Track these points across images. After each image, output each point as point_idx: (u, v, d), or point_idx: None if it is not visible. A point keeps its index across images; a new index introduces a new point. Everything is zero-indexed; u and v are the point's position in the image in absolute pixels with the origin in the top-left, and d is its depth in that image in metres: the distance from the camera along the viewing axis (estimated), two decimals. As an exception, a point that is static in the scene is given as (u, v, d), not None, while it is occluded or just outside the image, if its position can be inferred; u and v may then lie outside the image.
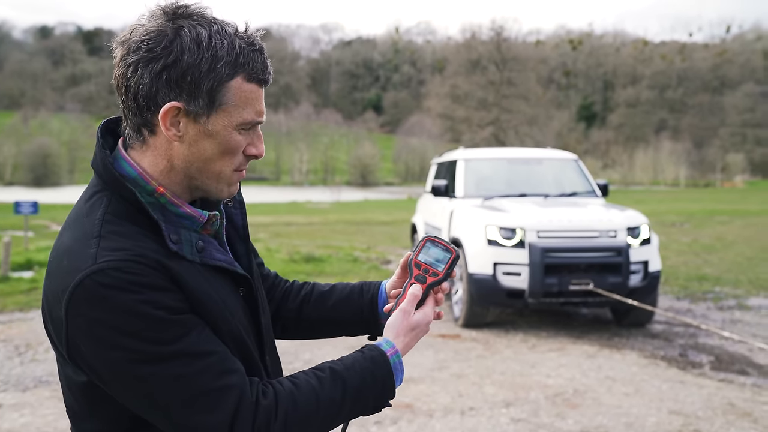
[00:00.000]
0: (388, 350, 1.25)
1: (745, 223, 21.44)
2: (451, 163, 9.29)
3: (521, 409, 4.81)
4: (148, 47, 1.04)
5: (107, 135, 1.16)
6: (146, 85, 1.05)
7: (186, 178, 1.14)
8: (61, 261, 1.08)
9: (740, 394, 5.22)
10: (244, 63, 1.09)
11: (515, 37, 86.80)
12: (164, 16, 1.07)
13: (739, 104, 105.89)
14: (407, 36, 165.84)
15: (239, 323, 1.19)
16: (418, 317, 1.31)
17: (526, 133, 72.05)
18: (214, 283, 1.15)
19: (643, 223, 7.30)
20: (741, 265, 12.01)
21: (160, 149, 1.11)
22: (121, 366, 1.03)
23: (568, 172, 9.01)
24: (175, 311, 1.05)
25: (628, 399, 5.04)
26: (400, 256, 13.71)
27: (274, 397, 1.10)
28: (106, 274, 1.02)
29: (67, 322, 1.04)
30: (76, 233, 1.09)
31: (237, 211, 1.32)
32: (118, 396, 1.08)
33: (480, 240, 7.20)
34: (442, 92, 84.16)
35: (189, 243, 1.13)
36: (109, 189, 1.11)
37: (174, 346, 1.04)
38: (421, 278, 1.34)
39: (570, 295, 6.87)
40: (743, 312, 8.33)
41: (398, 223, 22.30)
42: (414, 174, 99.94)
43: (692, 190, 68.39)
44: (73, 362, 1.08)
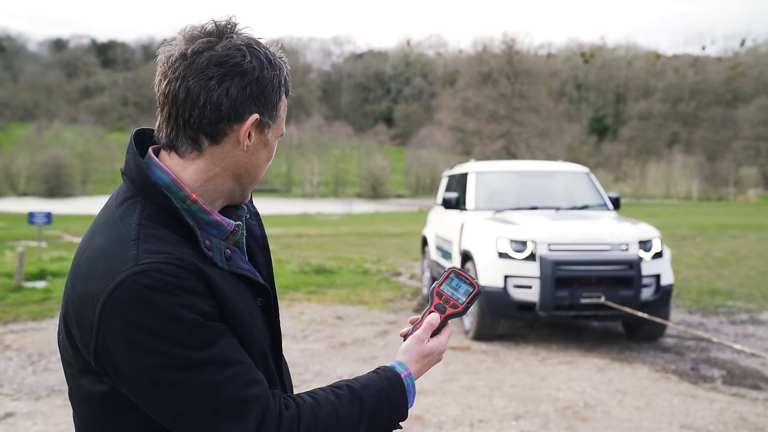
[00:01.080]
0: (402, 372, 1.28)
1: (758, 237, 21.28)
2: (462, 176, 9.28)
3: (531, 422, 4.79)
4: (235, 62, 1.10)
5: (138, 145, 1.19)
6: (233, 97, 1.11)
7: (232, 184, 1.20)
8: (94, 263, 1.09)
9: (753, 408, 5.19)
10: (288, 81, 1.21)
11: (527, 50, 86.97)
12: (226, 32, 1.13)
13: (752, 118, 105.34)
14: (419, 49, 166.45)
15: (261, 335, 1.21)
16: (431, 345, 1.33)
17: (538, 146, 71.96)
18: (240, 292, 1.17)
19: (655, 236, 7.24)
20: (754, 279, 11.92)
21: (217, 157, 1.15)
22: (154, 371, 1.04)
23: (579, 185, 8.98)
24: (209, 317, 1.07)
25: (638, 413, 5.02)
26: (410, 269, 13.72)
27: (296, 410, 1.12)
28: (148, 275, 1.03)
29: (100, 325, 1.04)
30: (112, 236, 1.10)
31: (255, 222, 1.36)
32: (144, 403, 1.08)
33: (491, 252, 7.15)
34: (453, 105, 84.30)
35: (219, 251, 1.16)
36: (142, 195, 1.13)
37: (206, 353, 1.05)
38: (441, 308, 1.36)
39: (581, 309, 6.82)
40: (756, 326, 8.27)
41: (409, 235, 22.30)
42: (425, 186, 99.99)
43: (705, 203, 68.00)
44: (100, 367, 1.09)
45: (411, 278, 12.48)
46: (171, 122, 1.14)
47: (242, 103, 1.12)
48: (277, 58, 1.17)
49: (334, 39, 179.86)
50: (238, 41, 1.12)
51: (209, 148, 1.14)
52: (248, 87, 1.12)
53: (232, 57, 1.10)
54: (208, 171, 1.16)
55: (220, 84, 1.10)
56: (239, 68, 1.11)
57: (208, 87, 1.10)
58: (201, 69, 1.10)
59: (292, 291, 10.38)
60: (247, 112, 1.13)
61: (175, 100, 1.11)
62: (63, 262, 11.80)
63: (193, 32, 1.12)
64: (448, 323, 1.37)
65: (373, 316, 8.70)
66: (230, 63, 1.10)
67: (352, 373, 6.01)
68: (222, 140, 1.14)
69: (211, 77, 1.10)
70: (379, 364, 6.46)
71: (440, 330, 1.36)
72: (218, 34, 1.12)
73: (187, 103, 1.11)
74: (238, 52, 1.11)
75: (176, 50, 1.11)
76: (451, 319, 1.37)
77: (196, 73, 1.10)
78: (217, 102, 1.10)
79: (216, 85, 1.10)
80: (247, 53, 1.12)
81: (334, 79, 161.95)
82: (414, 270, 13.50)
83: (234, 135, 1.14)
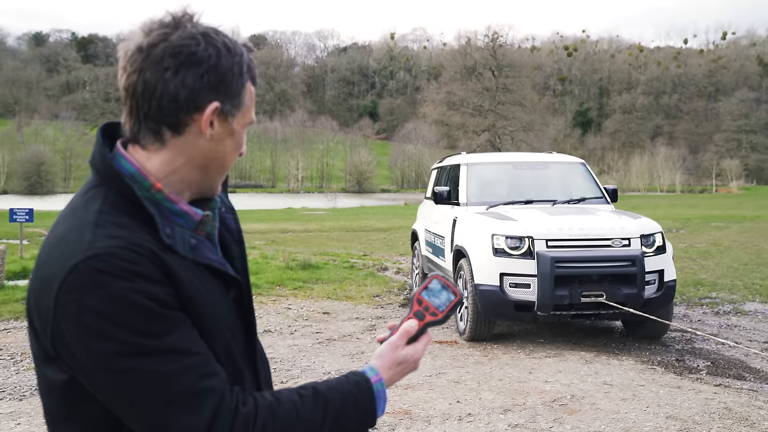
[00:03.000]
0: (373, 377, 1.26)
1: (741, 229, 21.50)
2: (453, 168, 8.96)
3: (519, 415, 4.81)
4: (189, 51, 1.10)
5: (106, 137, 1.19)
6: (189, 87, 1.10)
7: (199, 174, 1.18)
8: (54, 250, 1.10)
9: (737, 398, 5.23)
10: (252, 68, 1.19)
11: (510, 44, 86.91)
12: (182, 22, 1.13)
13: (733, 110, 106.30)
14: (402, 42, 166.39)
15: (226, 325, 1.19)
16: (406, 353, 1.30)
17: (522, 139, 72.04)
18: (205, 282, 1.16)
19: (658, 230, 6.97)
20: (737, 270, 12.04)
21: (180, 148, 1.15)
22: (106, 357, 1.03)
23: (575, 176, 8.70)
24: (165, 305, 1.06)
25: (625, 404, 5.05)
26: (397, 263, 13.71)
27: (254, 407, 1.10)
28: (101, 259, 1.03)
29: (56, 309, 1.04)
30: (73, 224, 1.11)
31: (230, 216, 1.35)
32: (98, 391, 1.07)
33: (486, 250, 6.85)
34: (437, 99, 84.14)
35: (182, 239, 1.15)
36: (106, 184, 1.14)
37: (160, 341, 1.04)
38: (420, 315, 1.33)
39: (581, 308, 6.53)
40: (739, 317, 8.34)
41: (395, 230, 22.30)
42: (410, 180, 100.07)
43: (688, 195, 68.60)
44: (57, 355, 1.08)
45: (397, 273, 12.47)
46: (133, 115, 1.14)
47: (200, 92, 1.11)
48: (238, 45, 1.16)
49: (318, 33, 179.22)
50: (193, 30, 1.12)
51: (172, 139, 1.14)
52: (205, 75, 1.11)
53: (186, 47, 1.10)
54: (173, 162, 1.16)
55: (175, 74, 1.10)
56: (194, 57, 1.10)
57: (164, 78, 1.10)
58: (157, 60, 1.10)
59: (278, 287, 10.33)
60: (206, 100, 1.12)
61: (135, 93, 1.12)
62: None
63: (150, 25, 1.12)
64: (427, 331, 1.33)
65: (359, 311, 8.68)
66: (185, 53, 1.10)
67: (339, 369, 5.99)
68: (184, 131, 1.14)
69: (167, 68, 1.09)
70: (367, 359, 6.46)
71: (418, 337, 1.32)
72: (174, 26, 1.12)
73: (146, 96, 1.11)
74: (193, 41, 1.11)
75: (133, 44, 1.12)
76: (430, 327, 1.33)
77: (152, 65, 1.10)
78: (174, 93, 1.10)
79: (172, 75, 1.10)
80: (202, 42, 1.11)
81: (318, 73, 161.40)
82: (401, 264, 13.49)
83: (195, 125, 1.13)
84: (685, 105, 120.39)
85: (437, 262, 8.73)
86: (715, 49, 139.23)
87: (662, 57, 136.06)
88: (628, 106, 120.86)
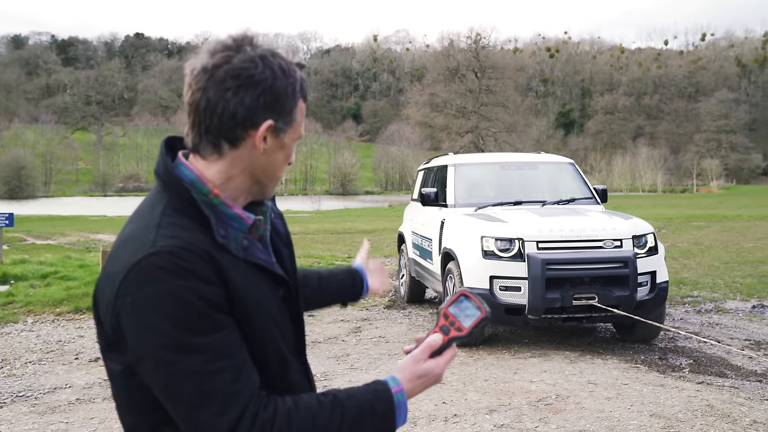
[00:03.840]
0: (394, 387, 1.30)
1: (722, 228, 21.73)
2: (440, 169, 8.79)
3: (505, 415, 4.82)
4: (248, 74, 1.21)
5: (169, 148, 1.32)
6: (246, 106, 1.22)
7: (251, 183, 1.30)
8: (122, 247, 1.23)
9: (719, 395, 5.29)
10: (304, 87, 1.30)
11: (493, 45, 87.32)
12: (242, 45, 1.24)
13: (713, 111, 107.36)
14: (386, 44, 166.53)
15: (275, 321, 1.29)
16: (428, 366, 1.33)
17: (505, 140, 72.36)
18: (255, 281, 1.26)
19: (650, 231, 6.87)
20: (718, 269, 12.16)
21: (236, 159, 1.26)
22: (152, 348, 1.13)
23: (564, 177, 8.58)
24: (213, 305, 1.16)
25: (610, 403, 5.08)
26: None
27: (273, 413, 1.17)
28: (161, 257, 1.15)
29: (116, 300, 1.17)
30: (140, 224, 1.24)
31: (279, 221, 1.47)
32: (145, 378, 1.18)
33: (475, 252, 6.70)
34: (421, 100, 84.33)
35: (235, 240, 1.26)
36: (168, 190, 1.26)
37: (202, 339, 1.14)
38: (445, 329, 1.35)
39: (573, 311, 6.41)
40: (721, 315, 8.43)
41: (379, 232, 22.30)
42: (394, 182, 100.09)
43: (669, 195, 69.25)
44: (115, 343, 1.20)
45: (382, 274, 12.46)
46: (195, 128, 1.26)
47: (256, 111, 1.23)
48: (292, 66, 1.27)
49: (301, 35, 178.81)
50: (252, 54, 1.23)
51: (229, 152, 1.26)
52: (261, 96, 1.22)
53: (246, 69, 1.21)
54: (229, 171, 1.27)
55: (235, 94, 1.21)
56: (252, 80, 1.21)
57: (225, 97, 1.21)
58: (219, 81, 1.21)
59: (262, 289, 10.28)
60: (261, 119, 1.24)
61: (198, 109, 1.23)
62: (26, 266, 11.52)
63: (215, 47, 1.24)
64: (453, 345, 1.35)
65: (344, 313, 8.67)
66: (244, 75, 1.21)
67: (325, 371, 5.98)
68: (240, 144, 1.25)
69: (228, 89, 1.21)
70: (352, 361, 6.46)
71: (442, 352, 1.35)
72: (236, 48, 1.23)
73: (208, 112, 1.23)
74: (252, 64, 1.22)
75: (199, 63, 1.23)
76: (455, 342, 1.35)
77: (214, 84, 1.21)
78: (233, 111, 1.22)
79: (232, 95, 1.21)
80: (260, 64, 1.22)
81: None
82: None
83: (251, 140, 1.25)
84: (666, 106, 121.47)
85: (425, 264, 8.58)
86: (695, 51, 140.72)
87: (643, 58, 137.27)
88: (610, 106, 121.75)
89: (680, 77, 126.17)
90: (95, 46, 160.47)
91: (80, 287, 9.64)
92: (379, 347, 7.01)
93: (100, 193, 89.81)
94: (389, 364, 6.30)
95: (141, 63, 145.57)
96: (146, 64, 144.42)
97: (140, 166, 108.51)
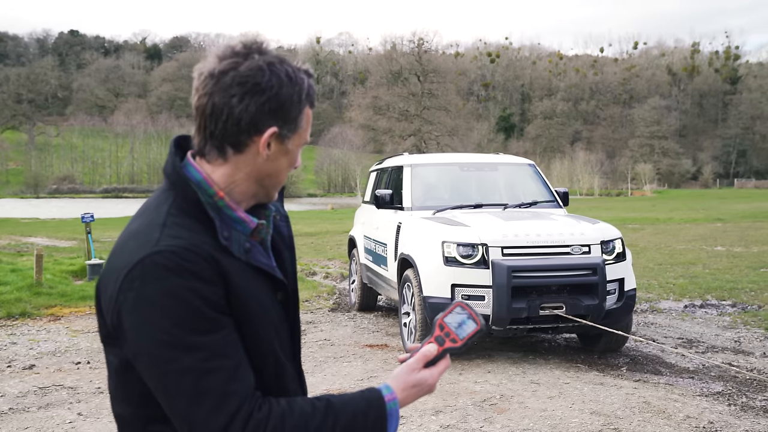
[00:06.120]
0: (387, 395, 1.31)
1: (655, 230, 22.47)
2: (395, 170, 8.33)
3: (450, 416, 4.88)
4: (254, 82, 1.23)
5: (178, 148, 1.34)
6: (251, 113, 1.24)
7: (256, 187, 1.32)
8: (126, 243, 1.25)
9: (655, 392, 5.48)
10: (311, 94, 1.32)
11: (435, 49, 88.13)
12: (251, 52, 1.25)
13: (646, 117, 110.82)
14: (328, 46, 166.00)
15: (272, 324, 1.31)
16: (421, 375, 1.35)
17: (447, 143, 73.11)
18: (255, 283, 1.28)
19: (617, 236, 6.57)
20: (652, 270, 12.58)
21: (240, 164, 1.28)
22: (150, 344, 1.16)
23: (525, 179, 8.22)
24: (212, 306, 1.18)
25: (552, 402, 5.20)
26: (325, 268, 13.67)
27: (267, 414, 1.18)
28: (164, 256, 1.17)
29: (119, 295, 1.19)
30: (145, 221, 1.27)
31: (284, 224, 1.48)
32: (142, 373, 1.20)
33: (435, 258, 6.29)
34: (363, 103, 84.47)
35: (238, 243, 1.28)
36: (175, 189, 1.28)
37: (200, 338, 1.16)
38: (440, 340, 1.37)
39: (539, 321, 6.09)
40: (655, 315, 8.73)
41: (322, 235, 22.23)
42: (337, 185, 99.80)
43: (606, 198, 71.13)
44: (115, 337, 1.23)
45: (326, 277, 12.44)
46: (201, 132, 1.28)
47: (261, 117, 1.24)
48: (299, 73, 1.29)
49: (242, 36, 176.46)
50: (260, 62, 1.24)
51: (233, 156, 1.28)
52: (266, 103, 1.24)
53: (252, 77, 1.23)
54: (233, 175, 1.29)
55: (240, 101, 1.23)
56: (258, 87, 1.23)
57: (231, 104, 1.23)
58: (225, 87, 1.23)
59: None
60: (266, 126, 1.25)
61: (204, 113, 1.25)
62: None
63: (224, 52, 1.25)
64: (447, 356, 1.37)
65: (289, 316, 8.59)
66: (251, 83, 1.23)
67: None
68: (244, 150, 1.27)
69: (233, 95, 1.23)
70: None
71: (436, 362, 1.36)
72: (244, 54, 1.24)
73: (213, 117, 1.25)
74: (259, 72, 1.23)
75: (206, 68, 1.25)
76: (450, 353, 1.37)
77: (220, 90, 1.23)
78: (237, 117, 1.23)
79: (237, 102, 1.23)
80: (267, 72, 1.24)
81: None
82: (329, 269, 13.46)
83: (255, 145, 1.27)
84: (602, 111, 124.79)
85: (378, 271, 8.18)
86: (629, 59, 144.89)
87: (580, 65, 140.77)
88: (548, 111, 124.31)
89: (615, 84, 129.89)
90: (27, 42, 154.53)
91: (12, 292, 9.31)
92: (324, 350, 7.00)
93: (32, 195, 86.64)
94: (335, 367, 6.30)
95: (76, 61, 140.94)
96: (81, 63, 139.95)
97: (75, 167, 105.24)
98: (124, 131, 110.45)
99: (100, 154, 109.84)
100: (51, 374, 6.15)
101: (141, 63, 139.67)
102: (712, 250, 15.80)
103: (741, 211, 32.56)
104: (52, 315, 8.72)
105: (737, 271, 12.15)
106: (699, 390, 5.61)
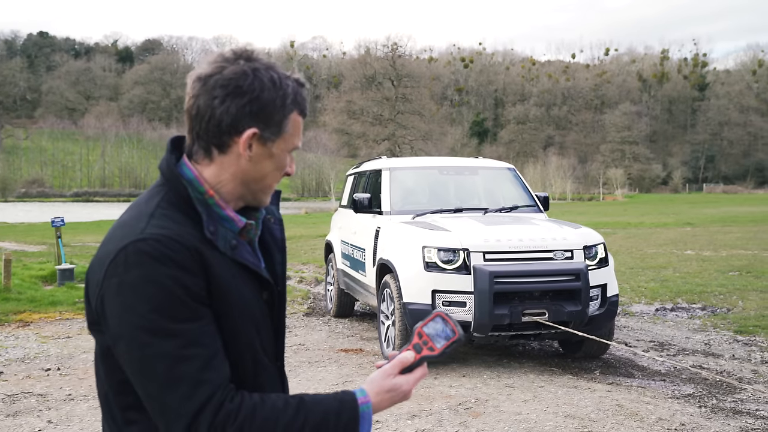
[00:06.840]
0: (360, 398, 1.33)
1: (626, 234, 22.75)
2: (373, 174, 8.22)
3: (426, 420, 4.89)
4: (236, 84, 1.29)
5: (174, 147, 1.39)
6: (232, 114, 1.29)
7: (242, 188, 1.36)
8: (115, 232, 1.31)
9: (627, 395, 5.54)
10: (299, 101, 1.36)
11: (409, 54, 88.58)
12: (238, 58, 1.31)
13: (617, 122, 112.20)
14: (302, 50, 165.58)
15: (254, 322, 1.34)
16: (396, 381, 1.37)
17: (421, 148, 73.40)
18: (239, 280, 1.32)
19: (600, 241, 6.53)
20: (624, 274, 12.72)
21: (225, 164, 1.34)
22: (129, 328, 1.19)
23: (505, 183, 8.13)
24: (192, 295, 1.22)
25: (527, 405, 5.23)
26: (299, 272, 13.62)
27: (238, 405, 1.21)
28: (148, 243, 1.22)
29: (103, 281, 1.24)
30: (134, 213, 1.32)
31: (277, 227, 1.53)
32: (119, 356, 1.24)
33: (415, 264, 6.18)
34: (338, 107, 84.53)
35: (224, 239, 1.32)
36: (168, 185, 1.34)
37: (178, 325, 1.19)
38: (418, 347, 1.39)
39: (521, 328, 6.00)
40: (627, 318, 8.83)
41: (296, 239, 22.13)
42: (311, 189, 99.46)
43: (578, 203, 71.84)
44: (99, 322, 1.27)
45: (300, 282, 12.40)
46: (190, 134, 1.35)
47: (241, 119, 1.30)
48: (286, 80, 1.33)
49: (216, 39, 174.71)
50: (244, 67, 1.30)
51: (218, 157, 1.34)
52: (247, 106, 1.29)
53: (235, 80, 1.29)
54: (219, 175, 1.35)
55: (222, 103, 1.29)
56: (240, 90, 1.29)
57: (213, 105, 1.29)
58: (209, 90, 1.30)
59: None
60: (246, 126, 1.30)
61: (191, 115, 1.33)
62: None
63: (215, 58, 1.33)
64: (424, 364, 1.39)
65: (263, 321, 8.54)
66: (232, 85, 1.29)
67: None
68: (227, 150, 1.33)
69: (216, 97, 1.29)
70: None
71: (413, 369, 1.38)
72: (232, 60, 1.31)
73: (198, 118, 1.32)
74: (243, 76, 1.29)
75: (196, 73, 1.33)
76: (427, 361, 1.38)
77: (205, 92, 1.30)
78: (219, 118, 1.30)
79: (219, 103, 1.29)
80: (250, 76, 1.29)
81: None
82: (303, 273, 13.41)
83: (236, 146, 1.32)
84: (574, 116, 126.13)
85: (356, 276, 8.03)
86: (600, 65, 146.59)
87: (553, 70, 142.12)
88: (521, 116, 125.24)
89: (587, 89, 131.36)
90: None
91: (-20, 298, 9.11)
92: (299, 355, 6.96)
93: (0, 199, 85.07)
94: (310, 372, 6.26)
95: (45, 63, 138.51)
96: (51, 65, 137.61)
97: (45, 170, 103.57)
98: (95, 134, 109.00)
99: (71, 157, 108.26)
100: (20, 381, 6.03)
101: (112, 65, 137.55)
102: (682, 254, 16.03)
103: (710, 216, 33.11)
104: (20, 321, 8.57)
105: (707, 274, 12.35)
106: (671, 392, 5.69)
